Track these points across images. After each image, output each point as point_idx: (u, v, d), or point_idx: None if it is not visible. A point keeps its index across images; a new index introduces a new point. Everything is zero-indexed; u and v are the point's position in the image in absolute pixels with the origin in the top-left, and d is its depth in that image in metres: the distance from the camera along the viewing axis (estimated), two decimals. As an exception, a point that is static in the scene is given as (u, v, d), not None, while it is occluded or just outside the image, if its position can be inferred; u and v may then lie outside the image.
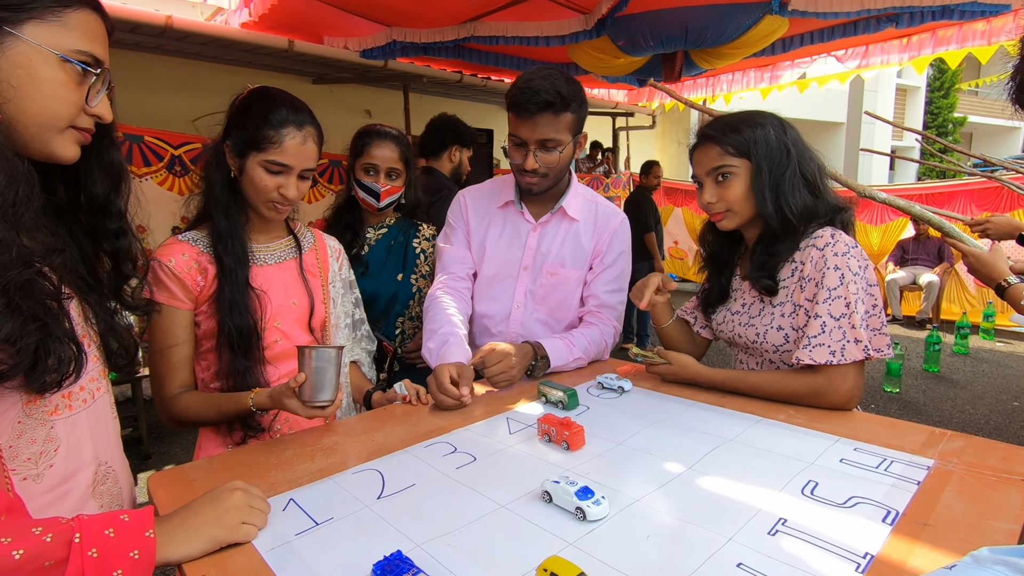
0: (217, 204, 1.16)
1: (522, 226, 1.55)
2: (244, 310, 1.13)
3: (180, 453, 3.47)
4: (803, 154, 1.21)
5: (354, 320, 1.42)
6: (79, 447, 0.76)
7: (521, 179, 1.46)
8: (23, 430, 0.69)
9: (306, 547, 0.71)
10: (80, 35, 0.71)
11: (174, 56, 4.42)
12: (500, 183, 1.60)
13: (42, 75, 0.68)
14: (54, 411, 0.72)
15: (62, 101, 0.70)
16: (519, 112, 1.37)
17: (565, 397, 1.14)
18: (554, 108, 1.34)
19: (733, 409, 1.12)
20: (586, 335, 1.48)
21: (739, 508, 0.76)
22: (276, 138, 1.11)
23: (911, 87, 17.43)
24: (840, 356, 1.08)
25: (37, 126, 0.69)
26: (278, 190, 1.14)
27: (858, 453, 0.92)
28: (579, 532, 0.72)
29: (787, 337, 1.19)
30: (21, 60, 0.66)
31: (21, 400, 0.68)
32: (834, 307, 1.10)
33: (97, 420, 0.80)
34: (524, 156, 1.40)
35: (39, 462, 0.70)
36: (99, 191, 0.81)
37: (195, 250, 1.15)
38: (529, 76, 1.37)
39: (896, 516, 0.73)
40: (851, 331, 1.09)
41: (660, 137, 10.10)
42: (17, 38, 0.66)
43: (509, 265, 1.55)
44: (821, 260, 1.13)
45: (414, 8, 3.70)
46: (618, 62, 4.16)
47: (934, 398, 4.20)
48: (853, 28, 4.00)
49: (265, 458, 0.98)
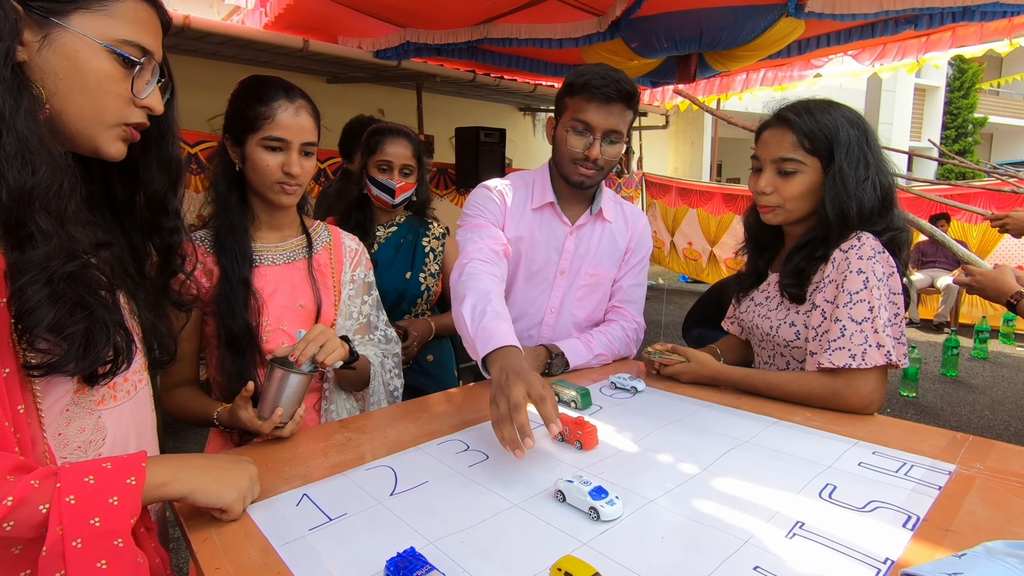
0: (218, 200, 1.16)
1: (559, 229, 1.48)
2: (239, 312, 1.12)
3: (195, 448, 3.51)
4: (881, 164, 1.15)
5: (369, 322, 1.38)
6: (126, 437, 0.78)
7: (573, 170, 1.37)
8: (71, 418, 0.70)
9: (320, 542, 0.71)
10: (127, 25, 0.69)
11: (191, 56, 4.47)
12: (528, 181, 1.51)
13: (89, 66, 0.67)
14: (101, 401, 0.74)
15: (108, 93, 0.69)
16: (594, 95, 1.30)
17: (578, 396, 1.14)
18: (629, 101, 1.32)
19: (749, 411, 1.11)
20: (607, 332, 1.48)
21: (756, 510, 0.75)
22: (268, 113, 1.10)
23: (930, 87, 17.16)
24: (861, 360, 1.06)
25: (85, 119, 0.68)
26: (282, 168, 1.13)
27: (877, 457, 0.90)
28: (593, 532, 0.71)
29: (798, 334, 1.18)
30: (68, 51, 0.65)
31: (71, 390, 0.70)
32: (855, 311, 1.08)
33: (139, 412, 0.82)
34: (589, 144, 1.33)
35: (88, 450, 0.72)
36: (157, 188, 0.81)
37: (200, 250, 1.15)
38: (600, 66, 1.33)
39: (917, 521, 0.72)
40: (873, 335, 1.06)
41: (673, 137, 10.05)
42: (64, 29, 0.65)
43: (545, 270, 1.50)
44: (844, 263, 1.10)
45: (428, 10, 3.71)
46: (632, 64, 4.14)
47: (952, 403, 4.13)
48: (871, 30, 3.94)
49: (279, 453, 0.98)
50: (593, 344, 1.44)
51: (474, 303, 1.13)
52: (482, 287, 1.18)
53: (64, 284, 0.62)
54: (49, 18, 0.64)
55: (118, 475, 0.63)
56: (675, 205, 7.88)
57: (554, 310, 1.52)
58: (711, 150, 9.69)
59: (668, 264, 8.32)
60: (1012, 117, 18.82)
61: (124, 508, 0.61)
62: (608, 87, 1.29)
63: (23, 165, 0.59)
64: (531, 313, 1.54)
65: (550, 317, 1.53)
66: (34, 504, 0.57)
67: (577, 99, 1.33)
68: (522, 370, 0.92)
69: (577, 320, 1.54)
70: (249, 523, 0.76)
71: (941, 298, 6.00)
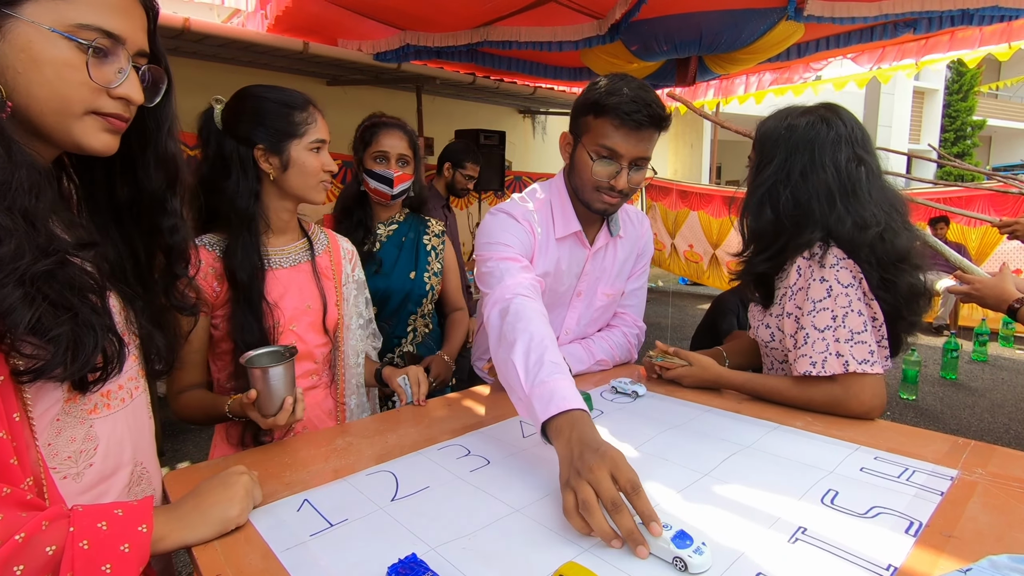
0: (242, 216, 1.15)
1: (579, 254, 1.40)
2: (256, 328, 1.13)
3: (193, 451, 3.50)
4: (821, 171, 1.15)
5: (365, 319, 1.43)
6: (120, 447, 0.76)
7: (596, 197, 1.27)
8: (62, 428, 0.68)
9: (321, 548, 0.71)
10: (87, 8, 0.64)
11: (191, 58, 4.47)
12: (544, 204, 1.36)
13: (44, 57, 0.62)
14: (93, 410, 0.72)
15: (69, 83, 0.64)
16: (624, 121, 1.17)
17: (579, 401, 1.13)
18: (660, 126, 1.21)
19: (750, 416, 1.11)
20: (608, 338, 1.47)
21: (757, 516, 0.75)
22: (309, 119, 1.18)
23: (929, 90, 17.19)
24: (821, 368, 1.08)
25: (51, 112, 0.64)
26: (323, 168, 1.20)
27: (879, 462, 0.90)
28: (593, 539, 0.71)
29: (773, 336, 1.21)
30: (22, 42, 0.61)
31: (62, 398, 0.68)
32: (818, 319, 1.09)
33: (135, 420, 0.80)
34: (616, 173, 1.22)
35: (79, 460, 0.70)
36: (155, 185, 0.78)
37: (212, 255, 1.15)
38: (626, 83, 1.19)
39: (920, 527, 0.71)
40: (834, 344, 1.07)
41: (673, 140, 10.07)
42: (16, 20, 0.61)
43: (564, 295, 1.44)
44: (808, 270, 1.12)
45: (428, 12, 3.72)
46: (631, 67, 4.15)
47: (952, 406, 4.13)
48: (870, 33, 3.96)
49: (280, 458, 0.98)
50: (594, 349, 1.44)
51: (527, 350, 0.96)
52: (536, 331, 1.01)
53: (39, 283, 0.59)
54: (1, 10, 0.61)
55: (129, 522, 0.62)
56: (676, 208, 7.88)
57: (569, 331, 1.47)
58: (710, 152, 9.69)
59: (669, 267, 8.31)
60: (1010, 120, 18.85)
61: (134, 556, 0.61)
62: (639, 112, 1.16)
63: None
64: None
65: (564, 338, 1.47)
66: (41, 545, 0.56)
67: (604, 122, 1.20)
68: (600, 445, 0.76)
69: (587, 336, 1.51)
70: (250, 529, 0.75)
71: (940, 300, 6.01)
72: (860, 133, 1.16)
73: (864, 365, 1.06)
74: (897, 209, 1.15)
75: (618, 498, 0.69)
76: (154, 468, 0.85)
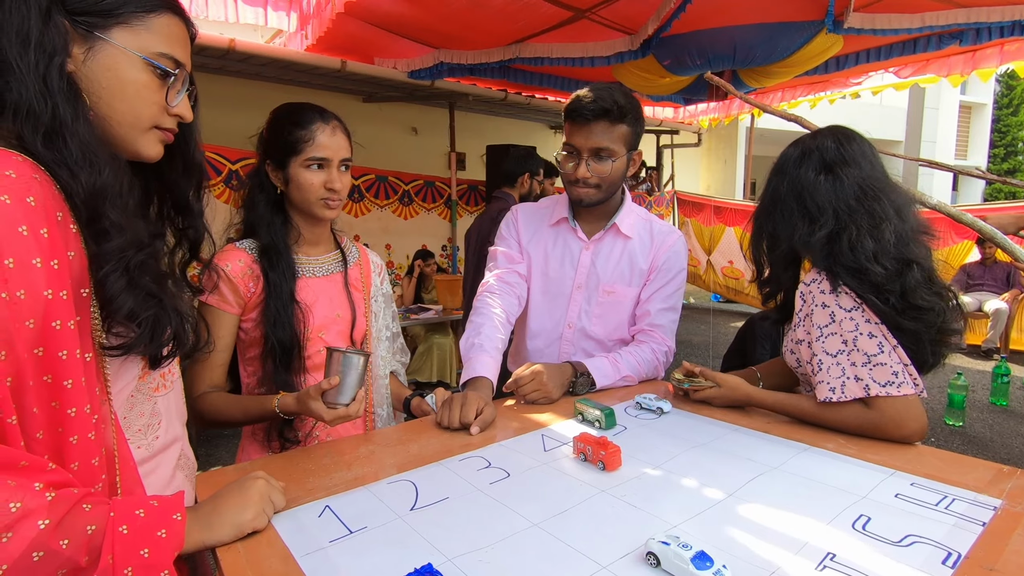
0: (261, 222, 1.21)
1: (574, 244, 1.53)
2: (288, 323, 1.17)
3: (225, 456, 3.58)
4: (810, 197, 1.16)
5: (392, 333, 1.45)
6: (174, 423, 0.85)
7: (572, 190, 1.45)
8: (134, 403, 0.77)
9: (340, 555, 0.72)
10: (162, 38, 0.74)
11: (235, 76, 4.67)
12: (553, 201, 1.60)
13: (128, 77, 0.72)
14: (156, 388, 0.81)
15: (145, 101, 0.74)
16: (575, 119, 1.37)
17: (602, 416, 1.12)
18: (610, 116, 1.34)
19: (778, 436, 1.08)
20: (635, 354, 1.46)
21: (784, 540, 0.73)
22: (308, 136, 1.17)
23: (976, 104, 16.58)
24: (841, 393, 1.05)
25: (125, 125, 0.74)
26: (324, 185, 1.19)
27: (915, 489, 0.86)
28: (614, 555, 0.70)
29: (799, 361, 1.20)
30: (109, 63, 0.71)
31: (137, 375, 0.76)
32: (828, 344, 1.08)
33: (179, 402, 0.88)
34: (576, 165, 1.39)
35: (148, 433, 0.79)
36: (183, 189, 0.86)
37: (250, 257, 1.20)
38: (588, 87, 1.38)
39: (958, 559, 0.68)
40: (850, 368, 1.04)
41: (706, 155, 9.95)
42: (106, 42, 0.70)
43: (561, 284, 1.53)
44: (809, 297, 1.12)
45: (461, 31, 3.80)
46: (663, 81, 4.14)
47: (1002, 433, 3.92)
48: (912, 46, 3.85)
49: (304, 464, 1.00)
50: (620, 365, 1.42)
51: (467, 335, 1.40)
52: (476, 320, 1.43)
53: (137, 273, 0.68)
54: (93, 32, 0.69)
55: (165, 511, 0.66)
56: (710, 224, 7.75)
57: (572, 325, 1.53)
58: (744, 168, 9.53)
59: (704, 283, 8.17)
60: (1066, 134, 18.00)
61: (170, 541, 0.64)
62: (584, 107, 1.34)
63: (91, 167, 0.65)
64: (549, 329, 1.55)
65: (568, 332, 1.53)
66: (82, 523, 0.59)
67: (567, 125, 1.41)
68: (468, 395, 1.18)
69: (598, 337, 1.53)
70: (272, 533, 0.77)
71: (990, 323, 5.73)
72: (842, 149, 1.13)
73: (889, 388, 1.02)
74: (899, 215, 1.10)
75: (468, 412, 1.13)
76: (190, 453, 0.91)
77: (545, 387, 1.28)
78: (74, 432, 0.63)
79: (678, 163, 8.37)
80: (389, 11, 3.46)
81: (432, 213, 5.73)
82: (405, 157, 5.91)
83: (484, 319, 1.42)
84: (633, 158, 1.44)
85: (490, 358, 1.33)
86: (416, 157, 6.09)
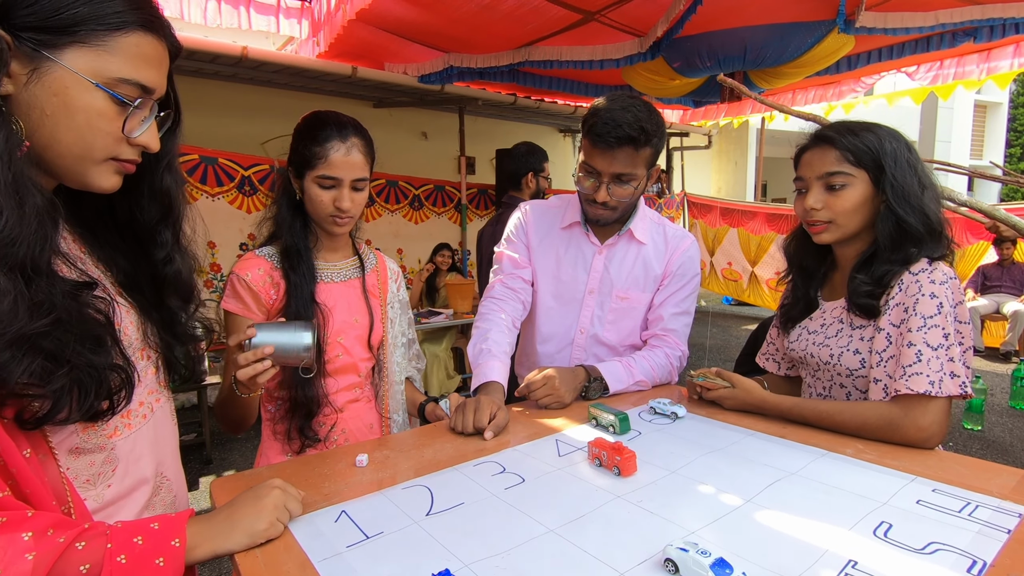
0: (283, 224, 1.23)
1: (587, 248, 1.51)
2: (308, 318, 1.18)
3: (240, 460, 3.61)
4: (932, 184, 1.13)
5: (408, 339, 1.45)
6: (139, 464, 0.77)
7: (589, 209, 1.42)
8: (80, 453, 0.69)
9: (357, 560, 0.72)
10: (127, 61, 0.64)
11: (248, 83, 4.72)
12: (565, 202, 1.56)
13: (78, 104, 0.63)
14: (113, 433, 0.73)
15: (98, 132, 0.65)
16: (596, 143, 1.29)
17: (616, 421, 1.12)
18: (636, 144, 1.28)
19: (796, 441, 1.07)
20: (648, 358, 1.45)
21: (803, 547, 0.72)
22: (322, 153, 1.16)
23: (992, 103, 16.35)
24: (938, 388, 1.01)
25: (71, 156, 0.65)
26: (333, 203, 1.19)
27: (937, 495, 0.85)
28: (631, 562, 0.69)
29: (863, 361, 1.13)
30: (56, 87, 0.61)
31: (75, 430, 0.68)
32: (931, 336, 1.03)
33: (157, 431, 0.81)
34: (596, 188, 1.34)
35: (97, 483, 0.72)
36: (146, 218, 0.77)
37: (270, 265, 1.21)
38: (611, 104, 1.29)
39: (983, 567, 0.67)
40: (948, 364, 1.01)
41: (716, 157, 9.90)
42: (55, 64, 0.61)
43: (573, 288, 1.51)
44: (915, 285, 1.06)
45: (471, 35, 3.81)
46: (673, 84, 4.13)
47: (1022, 437, 3.85)
48: (926, 44, 3.81)
49: (320, 469, 1.00)
50: (634, 369, 1.41)
51: (474, 341, 1.41)
52: (482, 326, 1.44)
53: (33, 341, 0.58)
54: (40, 51, 0.60)
55: (164, 537, 0.64)
56: (716, 225, 7.72)
57: (584, 331, 1.51)
58: (755, 170, 9.48)
59: (707, 285, 8.12)
60: (1085, 133, 17.70)
61: (169, 568, 0.63)
62: (610, 134, 1.26)
63: None
64: (560, 334, 1.54)
65: (580, 338, 1.52)
66: (75, 565, 0.57)
67: (586, 141, 1.34)
68: (481, 399, 1.19)
69: (610, 343, 1.52)
70: (289, 538, 0.77)
71: (1008, 325, 5.64)
72: None
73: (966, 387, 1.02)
74: None
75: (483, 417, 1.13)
76: (175, 475, 0.87)
77: (557, 391, 1.28)
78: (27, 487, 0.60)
79: (688, 165, 8.33)
80: (400, 16, 3.48)
81: (442, 217, 5.75)
82: (415, 162, 5.94)
83: (490, 324, 1.43)
84: (651, 173, 1.40)
85: (500, 363, 1.34)
86: (426, 161, 6.11)
